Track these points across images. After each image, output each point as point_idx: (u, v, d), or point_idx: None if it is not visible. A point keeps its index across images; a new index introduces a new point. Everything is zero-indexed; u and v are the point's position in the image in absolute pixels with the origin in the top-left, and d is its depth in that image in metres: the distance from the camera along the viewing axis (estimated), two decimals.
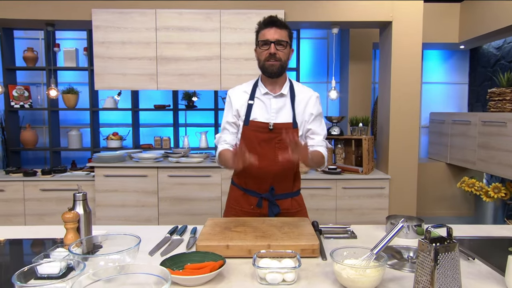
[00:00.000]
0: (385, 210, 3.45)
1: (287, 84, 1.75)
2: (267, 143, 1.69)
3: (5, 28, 4.23)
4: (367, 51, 4.25)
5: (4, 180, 3.45)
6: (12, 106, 4.27)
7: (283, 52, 1.66)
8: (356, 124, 3.60)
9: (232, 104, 1.76)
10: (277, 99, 1.72)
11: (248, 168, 1.65)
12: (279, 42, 1.64)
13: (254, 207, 1.73)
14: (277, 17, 1.68)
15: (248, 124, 1.71)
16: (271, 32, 1.64)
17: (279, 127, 1.69)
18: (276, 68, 1.66)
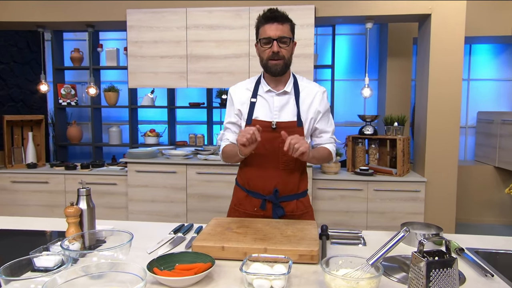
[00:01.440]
0: (421, 215, 3.25)
1: (291, 80, 1.67)
2: (270, 143, 1.63)
3: (55, 30, 4.51)
4: (407, 47, 4.03)
5: (48, 173, 3.67)
6: (60, 104, 4.54)
7: (287, 49, 1.58)
8: (391, 123, 3.42)
9: (234, 102, 1.71)
10: (280, 96, 1.65)
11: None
12: (281, 39, 1.55)
13: (257, 209, 1.68)
14: (277, 10, 1.59)
15: (250, 123, 1.65)
16: (273, 29, 1.54)
17: (282, 125, 1.62)
18: (280, 67, 1.58)
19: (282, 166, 1.64)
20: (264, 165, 1.65)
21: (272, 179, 1.64)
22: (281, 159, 1.64)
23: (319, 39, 4.54)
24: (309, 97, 1.66)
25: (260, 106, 1.66)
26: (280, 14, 1.57)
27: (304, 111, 1.65)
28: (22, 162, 3.90)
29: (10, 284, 0.99)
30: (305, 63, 3.27)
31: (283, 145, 1.61)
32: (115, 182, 3.56)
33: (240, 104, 1.69)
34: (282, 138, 1.61)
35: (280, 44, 1.56)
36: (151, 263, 1.14)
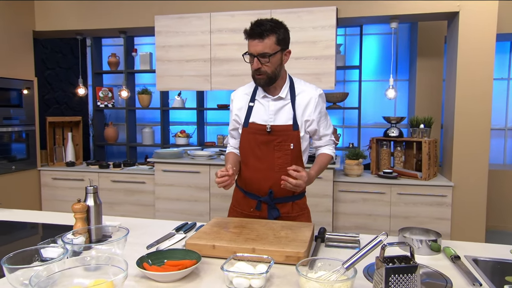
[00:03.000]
0: (447, 221, 3.13)
1: (287, 85, 1.70)
2: (266, 146, 1.68)
3: (94, 37, 4.80)
4: (438, 46, 3.87)
5: (84, 171, 3.92)
6: (98, 106, 4.82)
7: (268, 65, 1.57)
8: (417, 125, 3.32)
9: (233, 108, 1.78)
10: (276, 101, 1.69)
11: (243, 170, 1.74)
12: (262, 56, 1.56)
13: (253, 209, 1.73)
14: (261, 23, 1.55)
15: (247, 126, 1.71)
16: (253, 45, 1.56)
17: (277, 129, 1.66)
18: (264, 81, 1.62)
19: (277, 169, 1.68)
20: (259, 167, 1.70)
21: (267, 181, 1.68)
22: (276, 161, 1.68)
23: (347, 39, 4.48)
24: (305, 101, 1.68)
25: (257, 110, 1.71)
26: (259, 31, 1.54)
27: (299, 114, 1.68)
28: (63, 161, 4.19)
29: (14, 273, 1.09)
30: (327, 64, 3.25)
31: (278, 148, 1.65)
32: (144, 181, 3.74)
33: (238, 109, 1.76)
34: (277, 141, 1.66)
35: (261, 59, 1.57)
36: (141, 258, 1.22)
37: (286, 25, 1.64)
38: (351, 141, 4.33)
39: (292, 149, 1.67)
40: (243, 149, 1.75)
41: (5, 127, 3.68)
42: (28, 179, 3.92)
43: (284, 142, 1.66)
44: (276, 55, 1.58)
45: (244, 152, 1.75)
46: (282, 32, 1.59)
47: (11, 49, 3.72)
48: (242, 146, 1.75)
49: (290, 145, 1.67)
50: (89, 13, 3.85)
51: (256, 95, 1.72)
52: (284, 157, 1.67)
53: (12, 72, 3.73)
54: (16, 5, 3.76)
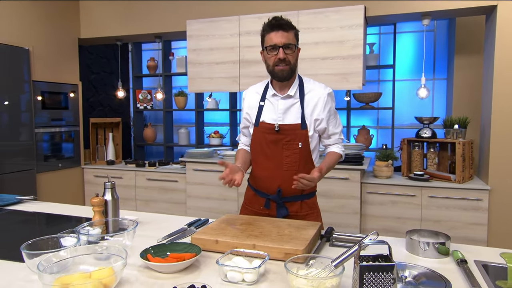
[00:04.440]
0: (483, 226, 2.96)
1: (296, 83, 1.72)
2: (275, 144, 1.71)
3: (135, 42, 5.06)
4: (477, 42, 3.66)
5: (122, 169, 4.15)
6: (138, 108, 5.08)
7: (292, 56, 1.64)
8: (450, 126, 3.17)
9: (244, 107, 1.84)
10: (285, 100, 1.71)
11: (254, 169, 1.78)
12: (287, 46, 1.61)
13: (262, 207, 1.76)
14: (282, 17, 1.65)
15: (258, 125, 1.74)
16: (278, 36, 1.61)
17: (286, 128, 1.69)
18: (286, 72, 1.65)
19: (286, 167, 1.70)
20: (268, 165, 1.73)
21: (276, 179, 1.71)
22: (284, 160, 1.70)
23: (382, 38, 4.37)
24: (313, 100, 1.70)
25: (267, 109, 1.74)
26: (284, 22, 1.63)
27: (308, 113, 1.70)
28: (104, 159, 4.46)
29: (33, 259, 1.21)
30: (354, 64, 3.20)
31: (286, 147, 1.68)
32: (176, 180, 3.88)
33: (249, 108, 1.80)
34: (286, 140, 1.68)
35: (286, 50, 1.62)
36: (146, 250, 1.29)
37: None
38: (385, 142, 4.22)
39: (300, 148, 1.69)
40: (254, 147, 1.79)
41: (53, 127, 3.99)
42: (72, 176, 4.21)
43: (293, 141, 1.69)
44: (296, 49, 1.66)
45: (254, 151, 1.79)
46: (297, 32, 1.69)
47: (59, 56, 4.03)
48: (253, 145, 1.79)
49: (299, 144, 1.68)
50: (126, 20, 4.07)
51: (267, 94, 1.76)
52: (293, 156, 1.69)
53: (60, 77, 4.04)
54: (64, 15, 4.07)
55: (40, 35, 3.79)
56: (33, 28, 3.71)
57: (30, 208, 2.05)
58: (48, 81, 3.89)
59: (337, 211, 3.26)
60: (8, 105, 3.43)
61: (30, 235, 1.31)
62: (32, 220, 1.89)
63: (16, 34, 3.53)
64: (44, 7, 3.81)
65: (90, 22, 4.24)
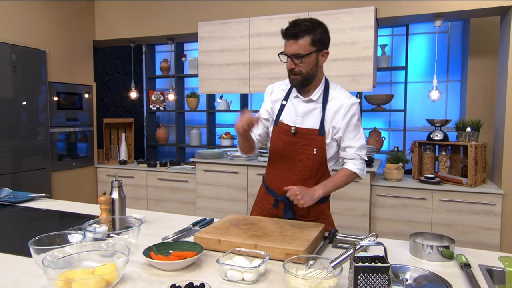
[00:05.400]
0: (496, 231, 2.91)
1: (321, 88, 1.67)
2: (290, 147, 1.68)
3: (148, 44, 5.14)
4: (492, 44, 3.59)
5: (134, 169, 4.21)
6: (151, 109, 5.14)
7: (302, 65, 1.57)
8: (463, 129, 3.12)
9: (269, 99, 1.77)
10: (306, 103, 1.68)
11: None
12: (296, 56, 1.56)
13: (271, 206, 1.77)
14: (297, 22, 1.55)
15: (277, 124, 1.72)
16: (288, 45, 1.57)
17: (303, 132, 1.66)
18: (298, 81, 1.62)
19: (297, 171, 1.69)
20: (282, 166, 1.72)
21: (287, 181, 1.67)
22: (297, 164, 1.69)
23: (395, 39, 4.33)
24: (334, 108, 1.65)
25: (288, 109, 1.71)
26: (294, 31, 1.53)
27: (328, 120, 1.65)
28: (117, 159, 4.53)
29: (40, 254, 1.24)
30: (364, 66, 3.19)
31: (301, 151, 1.66)
32: (187, 180, 3.92)
33: (273, 102, 1.76)
34: (302, 144, 1.65)
35: (295, 60, 1.57)
36: (149, 248, 1.32)
37: (325, 25, 1.61)
38: (397, 144, 4.18)
39: (315, 154, 1.65)
40: (272, 146, 1.75)
41: (68, 127, 4.08)
42: (86, 175, 4.30)
43: (308, 146, 1.65)
44: (310, 56, 1.56)
45: (272, 149, 1.76)
46: (319, 33, 1.56)
47: (74, 57, 4.12)
48: (271, 143, 1.76)
49: (314, 150, 1.64)
50: (139, 22, 4.14)
51: (290, 94, 1.72)
52: (306, 161, 1.66)
53: (75, 78, 4.13)
54: (79, 17, 4.16)
55: (56, 38, 3.88)
56: (50, 31, 3.81)
57: (42, 205, 2.10)
58: (64, 82, 3.98)
59: (346, 214, 3.24)
60: (26, 106, 3.53)
61: (40, 232, 1.35)
62: (44, 217, 1.94)
63: (33, 36, 3.63)
64: (60, 10, 3.91)
65: (104, 25, 4.32)
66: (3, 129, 3.33)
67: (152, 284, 1.15)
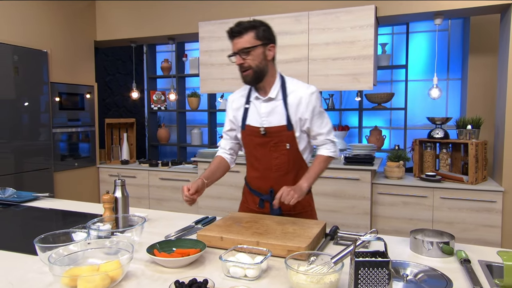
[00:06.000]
0: (497, 228, 2.92)
1: (277, 85, 1.70)
2: (262, 147, 1.72)
3: (149, 44, 5.15)
4: (492, 42, 3.60)
5: (136, 169, 4.23)
6: (152, 108, 5.16)
7: (250, 58, 1.60)
8: (463, 127, 3.13)
9: (229, 111, 1.82)
10: (267, 103, 1.70)
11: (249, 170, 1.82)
12: (242, 51, 1.59)
13: (257, 206, 1.79)
14: (239, 22, 1.63)
15: (244, 128, 1.75)
16: (234, 43, 1.62)
17: (272, 130, 1.69)
18: (250, 77, 1.64)
19: (275, 169, 1.73)
20: (259, 167, 1.76)
21: (268, 181, 1.73)
22: (273, 162, 1.72)
23: (395, 38, 4.34)
24: (296, 101, 1.68)
25: (252, 112, 1.74)
26: (237, 29, 1.60)
27: (292, 114, 1.68)
28: (118, 159, 4.55)
29: (45, 252, 1.26)
30: (365, 64, 3.20)
31: (274, 149, 1.69)
32: (188, 179, 3.94)
33: (235, 111, 1.79)
34: (274, 142, 1.69)
35: (242, 55, 1.60)
36: (152, 245, 1.33)
37: (268, 24, 1.67)
38: (398, 142, 4.19)
39: (288, 149, 1.69)
40: (245, 149, 1.81)
41: (70, 128, 4.10)
42: (88, 175, 4.32)
43: (280, 143, 1.69)
44: (256, 49, 1.60)
45: (246, 153, 1.82)
46: (262, 29, 1.62)
47: (76, 58, 4.14)
48: (244, 147, 1.82)
49: (286, 145, 1.69)
50: (140, 22, 4.15)
51: (251, 96, 1.75)
52: (281, 157, 1.70)
53: (76, 78, 4.15)
54: (80, 18, 4.18)
55: (58, 38, 3.90)
56: (51, 32, 3.83)
57: (46, 205, 2.12)
58: (66, 82, 4.00)
59: (347, 212, 3.26)
60: (28, 106, 3.54)
61: (45, 231, 1.36)
62: (47, 216, 1.96)
63: (35, 37, 3.65)
64: (61, 11, 3.93)
65: (105, 25, 4.34)
66: (5, 130, 3.35)
67: (156, 280, 1.16)
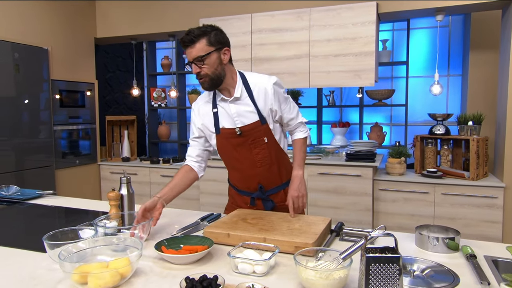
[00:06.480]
0: (498, 224, 2.94)
1: (239, 83, 1.68)
2: (242, 147, 1.72)
3: (150, 41, 5.14)
4: (493, 38, 3.61)
5: (137, 166, 4.23)
6: (153, 106, 5.16)
7: (206, 67, 1.58)
8: (465, 123, 3.14)
9: (196, 118, 1.78)
10: (234, 103, 1.69)
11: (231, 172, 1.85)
12: (197, 59, 1.57)
13: (249, 205, 1.81)
14: (190, 31, 1.58)
15: (219, 132, 1.72)
16: (188, 52, 1.58)
17: (247, 128, 1.69)
18: (208, 84, 1.62)
19: (259, 164, 1.73)
20: (243, 167, 1.76)
21: (254, 178, 1.73)
22: (255, 157, 1.72)
23: (395, 34, 4.34)
24: (261, 93, 1.68)
25: (222, 115, 1.71)
26: (188, 38, 1.57)
27: (262, 107, 1.69)
28: (119, 156, 4.55)
29: (54, 249, 1.26)
30: (366, 61, 3.20)
31: (254, 145, 1.71)
32: None
33: (203, 118, 1.76)
34: (252, 140, 1.70)
35: (197, 64, 1.58)
36: (160, 242, 1.34)
37: (219, 27, 1.65)
38: (398, 139, 4.20)
39: (267, 142, 1.71)
40: (222, 154, 1.79)
41: (71, 125, 4.09)
42: (89, 172, 4.32)
43: (258, 138, 1.70)
44: (210, 55, 1.58)
45: (224, 157, 1.80)
46: (214, 34, 1.60)
47: (76, 55, 4.13)
48: (220, 152, 1.78)
49: (264, 139, 1.71)
50: (141, 19, 4.14)
51: (216, 100, 1.72)
52: (262, 152, 1.72)
53: (77, 75, 4.14)
54: (81, 15, 4.16)
55: (58, 35, 3.89)
56: (52, 29, 3.81)
57: (50, 202, 2.12)
58: (66, 80, 3.99)
59: (349, 208, 3.27)
60: (28, 104, 3.54)
61: (50, 228, 1.37)
62: (52, 214, 1.96)
63: (35, 34, 3.64)
64: (61, 8, 3.91)
65: (106, 22, 4.32)
66: (6, 128, 3.34)
67: (165, 277, 1.17)
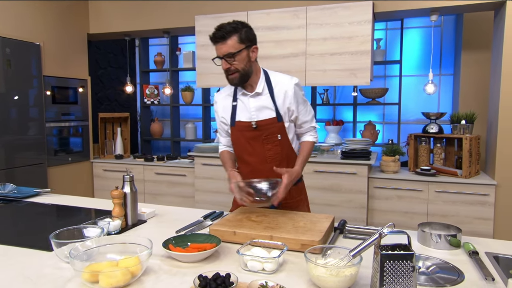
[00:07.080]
0: (489, 221, 3.00)
1: (262, 79, 1.76)
2: (255, 141, 1.77)
3: (142, 38, 5.09)
4: (485, 38, 3.68)
5: (130, 163, 4.20)
6: (145, 103, 5.11)
7: (236, 63, 1.65)
8: (457, 121, 3.20)
9: (218, 110, 1.87)
10: (255, 98, 1.76)
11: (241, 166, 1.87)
12: (228, 56, 1.63)
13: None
14: (221, 28, 1.63)
15: (234, 125, 1.80)
16: (218, 48, 1.64)
17: (262, 124, 1.75)
18: (237, 79, 1.69)
19: (269, 160, 1.78)
20: (252, 161, 1.80)
21: (262, 173, 1.76)
22: (266, 153, 1.77)
23: (389, 33, 4.39)
24: (282, 92, 1.74)
25: (240, 108, 1.79)
26: (221, 34, 1.62)
27: (280, 105, 1.75)
28: (112, 153, 4.50)
29: (60, 248, 1.25)
30: (362, 60, 3.23)
31: (267, 141, 1.76)
32: (185, 174, 3.93)
33: (223, 110, 1.84)
34: (265, 135, 1.75)
35: (228, 60, 1.64)
36: (167, 240, 1.34)
37: (249, 24, 1.70)
38: (391, 137, 4.26)
39: (280, 139, 1.77)
40: (236, 146, 1.85)
41: (63, 122, 4.03)
42: (82, 170, 4.27)
43: (272, 135, 1.76)
44: (241, 53, 1.64)
45: (237, 149, 1.86)
46: (245, 31, 1.66)
47: (69, 51, 4.07)
48: (234, 144, 1.86)
49: (278, 136, 1.76)
50: (135, 16, 4.10)
51: (237, 93, 1.80)
52: (274, 148, 1.77)
53: (69, 72, 4.08)
54: (73, 10, 4.10)
55: (51, 31, 3.82)
56: (44, 24, 3.75)
57: (47, 200, 2.10)
58: (58, 76, 3.93)
59: (344, 206, 3.30)
60: (19, 100, 3.48)
61: (51, 226, 1.36)
62: (51, 212, 1.94)
63: (27, 30, 3.57)
64: (54, 3, 3.85)
65: (99, 18, 4.27)
66: None
67: (175, 275, 1.17)
